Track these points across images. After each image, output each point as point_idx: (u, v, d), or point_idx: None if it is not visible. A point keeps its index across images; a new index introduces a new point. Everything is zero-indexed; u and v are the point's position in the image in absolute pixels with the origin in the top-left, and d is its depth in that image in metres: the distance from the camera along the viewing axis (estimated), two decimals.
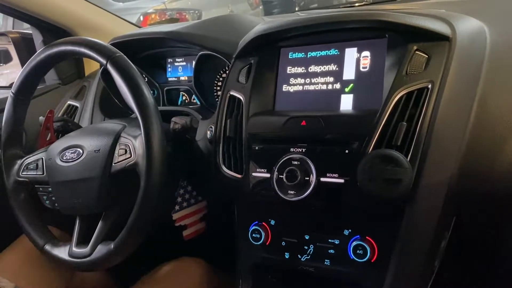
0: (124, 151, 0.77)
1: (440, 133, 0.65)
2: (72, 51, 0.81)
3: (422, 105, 0.66)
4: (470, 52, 0.70)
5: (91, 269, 0.86)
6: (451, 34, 0.69)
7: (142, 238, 0.76)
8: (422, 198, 0.65)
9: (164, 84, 1.16)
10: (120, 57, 0.77)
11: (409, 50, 0.69)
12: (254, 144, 0.77)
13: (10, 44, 1.45)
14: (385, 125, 0.67)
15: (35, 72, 0.86)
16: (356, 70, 0.75)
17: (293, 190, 0.71)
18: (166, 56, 1.15)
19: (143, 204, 0.73)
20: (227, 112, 0.83)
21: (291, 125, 0.75)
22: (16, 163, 0.89)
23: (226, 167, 0.81)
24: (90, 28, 1.33)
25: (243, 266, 0.84)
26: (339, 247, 0.73)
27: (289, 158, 0.73)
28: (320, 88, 0.78)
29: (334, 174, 0.69)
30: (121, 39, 1.08)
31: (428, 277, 0.73)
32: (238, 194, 0.82)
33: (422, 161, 0.64)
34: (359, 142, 0.68)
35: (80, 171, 0.80)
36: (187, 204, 1.03)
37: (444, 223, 0.70)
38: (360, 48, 0.75)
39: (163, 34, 1.03)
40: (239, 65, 0.85)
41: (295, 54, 0.81)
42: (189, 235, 1.05)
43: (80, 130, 0.92)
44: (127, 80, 0.75)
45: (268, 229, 0.79)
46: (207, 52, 0.98)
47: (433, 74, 0.67)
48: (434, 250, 0.71)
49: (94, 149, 0.80)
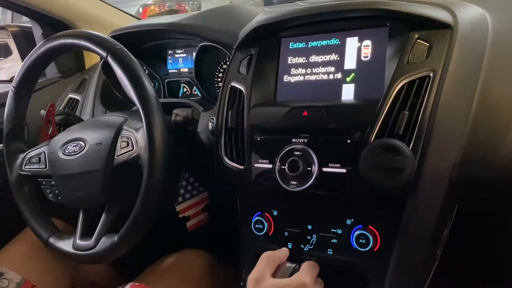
0: (126, 143, 0.78)
1: (442, 122, 0.64)
2: (72, 44, 0.81)
3: (423, 93, 0.65)
4: (472, 40, 0.69)
5: (95, 262, 0.86)
6: (453, 22, 0.68)
7: (145, 230, 0.76)
8: (424, 186, 0.65)
9: (164, 76, 1.16)
10: (120, 50, 0.77)
11: (411, 38, 0.69)
12: (256, 135, 0.77)
13: (10, 38, 1.45)
14: (387, 115, 0.66)
15: (35, 65, 0.86)
16: (358, 59, 0.74)
17: (295, 181, 0.71)
18: (166, 48, 1.15)
19: (146, 196, 0.73)
20: (229, 104, 0.83)
21: (292, 116, 0.75)
22: (18, 157, 0.89)
23: (228, 158, 0.81)
24: (90, 20, 1.33)
25: (246, 256, 0.85)
26: (342, 236, 0.73)
27: (291, 148, 0.73)
28: (321, 78, 0.77)
29: (336, 164, 0.69)
30: (121, 31, 1.08)
31: (430, 265, 0.74)
32: (240, 185, 0.83)
33: (424, 150, 0.64)
34: (361, 131, 0.68)
35: (82, 164, 0.80)
36: (189, 195, 1.04)
37: (447, 212, 0.70)
38: (361, 37, 0.74)
39: (163, 26, 1.02)
40: (240, 56, 0.85)
41: (296, 44, 0.80)
42: (192, 226, 1.05)
43: (81, 123, 0.92)
44: (128, 72, 0.75)
45: (271, 219, 0.80)
46: (207, 43, 0.97)
47: (434, 63, 0.66)
48: (437, 239, 0.71)
49: (96, 142, 0.80)
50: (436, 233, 0.69)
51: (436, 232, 0.69)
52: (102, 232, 0.79)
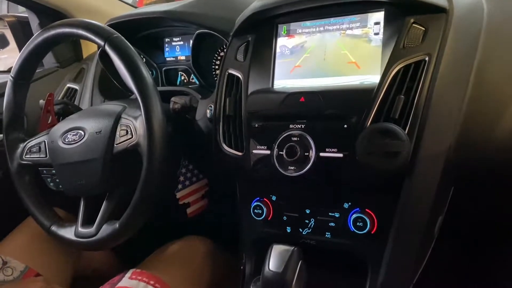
0: (125, 132, 0.78)
1: (437, 105, 0.65)
2: (70, 33, 0.81)
3: (419, 78, 0.66)
4: (467, 24, 0.70)
5: (97, 248, 0.88)
6: (448, 6, 0.69)
7: (146, 217, 0.78)
8: (420, 169, 0.66)
9: (162, 64, 1.16)
10: (117, 38, 0.77)
11: (406, 23, 0.69)
12: (254, 122, 0.78)
13: (7, 28, 1.44)
14: (383, 99, 0.67)
15: (33, 55, 0.87)
16: (353, 44, 0.74)
17: (293, 166, 0.72)
18: (163, 36, 1.15)
19: (146, 183, 0.74)
20: (226, 91, 0.83)
21: (290, 102, 0.75)
22: (19, 147, 0.90)
23: (227, 145, 0.82)
24: (86, 10, 1.33)
25: (246, 241, 0.86)
26: (339, 220, 0.75)
27: (288, 134, 0.73)
28: (318, 63, 0.77)
29: (333, 149, 0.70)
30: (117, 20, 1.07)
31: (427, 247, 0.75)
32: (239, 172, 0.83)
33: (420, 133, 0.65)
34: (357, 116, 0.68)
35: (82, 152, 0.81)
36: (189, 182, 1.05)
37: (443, 194, 0.71)
38: (357, 22, 0.75)
39: (160, 14, 1.02)
40: (237, 43, 0.85)
41: (292, 30, 0.81)
42: (193, 212, 1.06)
43: (80, 113, 0.93)
44: (125, 60, 0.75)
45: (270, 204, 0.81)
46: (204, 31, 0.97)
47: (430, 47, 0.67)
48: (433, 221, 0.72)
49: (95, 131, 0.80)
50: (432, 215, 0.70)
51: (432, 214, 0.70)
52: (103, 219, 0.80)
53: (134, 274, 0.86)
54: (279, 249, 0.72)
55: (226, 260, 1.07)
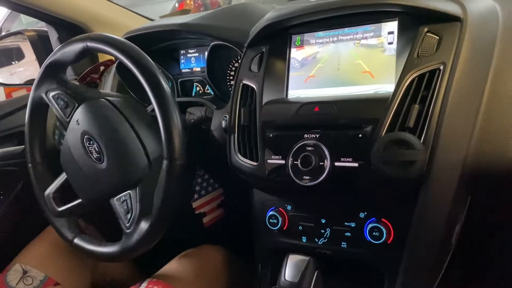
0: None
1: (452, 114, 0.65)
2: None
3: (434, 87, 0.66)
4: (482, 32, 0.69)
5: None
6: (462, 15, 0.69)
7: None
8: (436, 178, 0.66)
9: (178, 76, 1.18)
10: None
11: (420, 32, 0.69)
12: (268, 132, 0.79)
13: (22, 41, 1.47)
14: (398, 108, 0.67)
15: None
16: (368, 54, 0.75)
17: (308, 176, 0.72)
18: (179, 48, 1.16)
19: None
20: (241, 101, 0.84)
21: (304, 112, 0.76)
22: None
23: (242, 155, 0.82)
24: (104, 23, 1.35)
25: (262, 251, 0.86)
26: (355, 229, 0.74)
27: (303, 144, 0.74)
28: (332, 73, 0.78)
29: (348, 158, 0.70)
30: (134, 32, 1.10)
31: (444, 256, 0.74)
32: (254, 181, 0.84)
33: (435, 142, 0.65)
34: (372, 125, 0.68)
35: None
36: (205, 192, 1.05)
37: (459, 203, 0.70)
38: (371, 32, 0.75)
39: (175, 26, 1.04)
40: (251, 54, 0.86)
41: (306, 41, 0.81)
42: (208, 222, 1.07)
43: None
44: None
45: (285, 214, 0.81)
46: (219, 43, 0.99)
47: (444, 56, 0.67)
48: (450, 231, 0.71)
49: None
50: (449, 224, 0.70)
51: (449, 223, 0.69)
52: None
53: (150, 284, 0.86)
54: (295, 259, 0.73)
55: (242, 269, 1.07)
